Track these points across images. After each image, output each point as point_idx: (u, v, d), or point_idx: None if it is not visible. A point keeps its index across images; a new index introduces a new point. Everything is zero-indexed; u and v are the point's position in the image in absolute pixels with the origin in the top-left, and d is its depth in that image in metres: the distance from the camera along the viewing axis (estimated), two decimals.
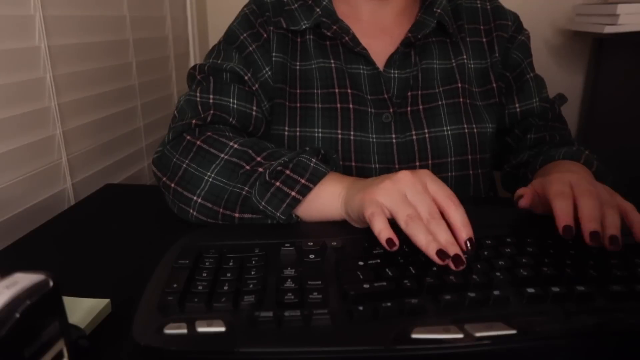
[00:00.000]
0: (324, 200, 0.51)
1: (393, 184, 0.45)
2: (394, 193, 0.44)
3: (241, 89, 0.67)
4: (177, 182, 0.57)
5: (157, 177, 0.61)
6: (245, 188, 0.53)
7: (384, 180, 0.45)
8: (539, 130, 0.72)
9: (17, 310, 0.24)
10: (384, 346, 0.32)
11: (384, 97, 0.68)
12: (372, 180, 0.48)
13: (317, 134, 0.68)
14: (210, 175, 0.55)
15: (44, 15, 0.73)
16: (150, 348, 0.33)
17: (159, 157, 0.62)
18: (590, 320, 0.34)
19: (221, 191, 0.55)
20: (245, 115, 0.67)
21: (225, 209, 0.54)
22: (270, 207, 0.51)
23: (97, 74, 0.88)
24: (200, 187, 0.56)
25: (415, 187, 0.44)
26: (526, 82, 0.73)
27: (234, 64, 0.68)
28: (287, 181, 0.51)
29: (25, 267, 0.27)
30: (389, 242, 0.41)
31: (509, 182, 0.76)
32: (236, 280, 0.39)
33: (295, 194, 0.50)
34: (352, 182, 0.51)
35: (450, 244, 0.41)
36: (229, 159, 0.56)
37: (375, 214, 0.43)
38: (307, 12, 0.70)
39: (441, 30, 0.70)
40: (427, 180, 0.45)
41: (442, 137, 0.68)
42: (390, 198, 0.44)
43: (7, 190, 0.67)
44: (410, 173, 0.45)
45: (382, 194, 0.44)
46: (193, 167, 0.57)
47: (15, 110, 0.68)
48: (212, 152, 0.57)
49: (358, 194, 0.47)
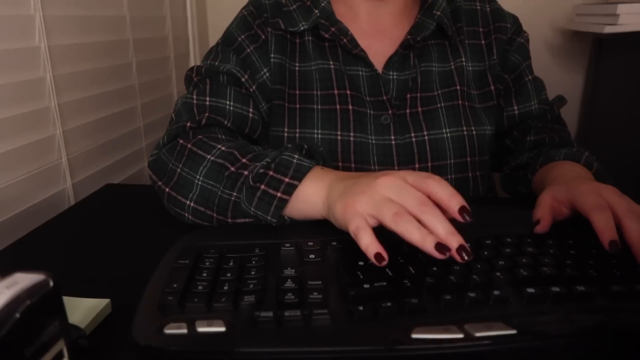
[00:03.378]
0: (306, 199, 0.50)
1: (371, 189, 0.43)
2: (374, 197, 0.42)
3: (238, 91, 0.67)
4: (172, 186, 0.57)
5: (153, 181, 0.61)
6: (233, 193, 0.52)
7: (362, 186, 0.44)
8: (538, 132, 0.72)
9: (17, 310, 0.24)
10: (384, 346, 0.32)
11: (383, 99, 0.68)
12: (352, 185, 0.45)
13: (316, 135, 0.68)
14: (200, 178, 0.55)
15: (44, 15, 0.73)
16: (150, 348, 0.33)
17: (154, 161, 0.61)
18: (590, 320, 0.34)
19: (210, 194, 0.54)
20: (241, 117, 0.66)
21: (218, 214, 0.54)
22: (260, 212, 0.50)
23: (97, 74, 0.88)
24: (192, 191, 0.55)
25: (396, 184, 0.43)
26: (524, 84, 0.73)
27: (231, 65, 0.68)
28: (271, 182, 0.50)
29: (25, 267, 0.27)
30: (377, 257, 0.39)
31: (509, 184, 0.76)
32: (236, 280, 0.39)
33: (281, 194, 0.49)
34: (333, 181, 0.49)
35: (450, 233, 0.38)
36: (215, 160, 0.55)
37: (360, 228, 0.41)
38: (306, 13, 0.70)
39: (440, 32, 0.70)
40: (405, 175, 0.44)
41: (441, 139, 0.68)
42: (371, 204, 0.42)
43: (7, 190, 0.67)
44: (388, 173, 0.44)
45: (362, 201, 0.42)
46: (185, 170, 0.56)
47: (15, 110, 0.68)
48: (200, 154, 0.56)
49: (339, 202, 0.45)
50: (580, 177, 0.57)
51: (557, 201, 0.49)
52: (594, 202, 0.46)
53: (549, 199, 0.50)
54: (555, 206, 0.49)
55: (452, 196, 0.41)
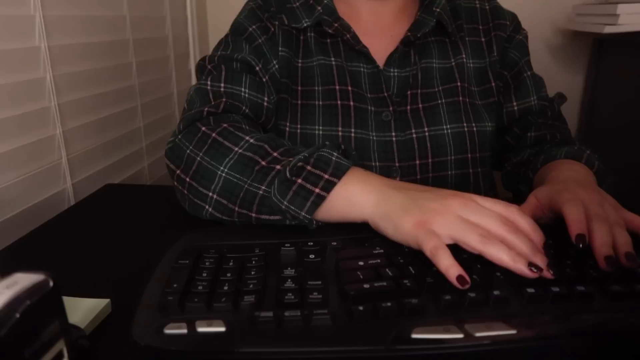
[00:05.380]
0: (350, 199, 0.48)
1: (446, 209, 0.42)
2: (452, 219, 0.41)
3: (253, 79, 0.66)
4: (192, 176, 0.54)
5: (171, 170, 0.58)
6: (262, 187, 0.50)
7: (434, 204, 0.43)
8: (539, 129, 0.72)
9: (17, 310, 0.24)
10: (384, 346, 0.32)
11: (384, 96, 0.68)
12: (419, 200, 0.44)
13: (317, 131, 0.68)
14: (223, 170, 0.52)
15: (44, 15, 0.73)
16: (150, 348, 0.33)
17: (171, 148, 0.59)
18: (590, 320, 0.34)
19: (235, 187, 0.52)
20: (257, 105, 0.65)
21: (240, 208, 0.52)
22: (294, 207, 0.48)
23: (97, 74, 0.88)
24: (214, 182, 0.53)
25: (470, 207, 0.42)
26: (523, 80, 0.74)
27: (245, 54, 0.67)
28: (310, 177, 0.48)
29: (25, 267, 0.27)
30: (460, 279, 0.37)
31: (510, 181, 0.76)
32: (236, 280, 0.39)
33: (320, 190, 0.47)
34: (385, 188, 0.47)
35: (536, 251, 0.39)
36: (243, 152, 0.53)
37: (438, 248, 0.39)
38: (309, 10, 0.70)
39: (440, 29, 0.71)
40: (476, 198, 0.44)
41: (441, 135, 0.68)
42: (450, 226, 0.41)
43: (7, 190, 0.67)
44: (459, 195, 0.44)
45: (439, 222, 0.42)
46: (207, 160, 0.54)
47: (15, 110, 0.68)
48: (226, 145, 0.54)
49: (406, 216, 0.43)
50: (577, 177, 0.57)
51: (540, 203, 0.50)
52: (568, 197, 0.46)
53: (533, 199, 0.50)
54: (537, 207, 0.49)
55: (535, 231, 0.42)
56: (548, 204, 0.49)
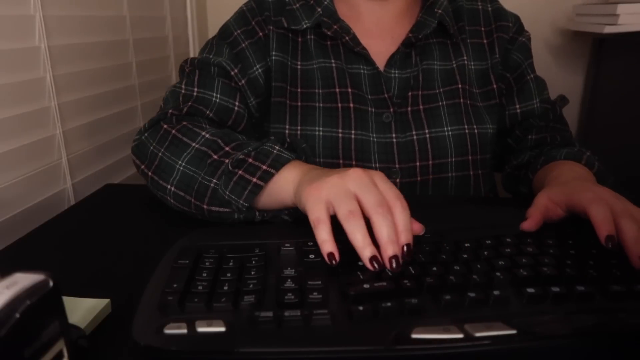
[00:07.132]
0: (279, 185, 0.51)
1: (340, 178, 0.44)
2: (339, 187, 0.43)
3: (226, 84, 0.68)
4: (154, 170, 0.59)
5: (136, 165, 0.62)
6: (213, 180, 0.53)
7: (332, 175, 0.45)
8: (540, 131, 0.72)
9: (17, 310, 0.24)
10: (384, 346, 0.32)
11: (384, 97, 0.68)
12: (323, 172, 0.47)
13: (318, 132, 0.68)
14: (181, 163, 0.56)
15: (44, 15, 0.73)
16: (150, 348, 0.33)
17: (137, 145, 0.63)
18: (590, 320, 0.34)
19: (191, 180, 0.55)
20: (226, 109, 0.67)
21: (196, 200, 0.55)
22: (234, 196, 0.51)
23: (97, 74, 0.88)
24: (173, 175, 0.56)
25: (363, 181, 0.43)
26: (526, 83, 0.73)
27: (223, 59, 0.69)
28: (249, 168, 0.51)
29: (25, 267, 0.27)
30: (330, 256, 0.40)
31: (510, 183, 0.76)
32: (236, 280, 0.39)
33: (257, 180, 0.50)
34: (308, 170, 0.50)
35: (392, 242, 0.40)
36: (199, 147, 0.56)
37: (320, 221, 0.42)
38: (309, 11, 0.70)
39: (442, 31, 0.71)
40: (376, 178, 0.44)
41: (442, 137, 0.68)
42: (334, 192, 0.43)
43: (7, 190, 0.67)
44: (361, 169, 0.45)
45: (327, 187, 0.43)
46: (167, 155, 0.58)
47: (15, 110, 0.68)
48: (185, 141, 0.58)
49: (305, 186, 0.46)
50: (580, 177, 0.57)
51: (553, 202, 0.49)
52: (591, 197, 0.46)
53: (544, 199, 0.50)
54: (550, 207, 0.49)
55: (406, 230, 0.41)
56: (564, 203, 0.49)
